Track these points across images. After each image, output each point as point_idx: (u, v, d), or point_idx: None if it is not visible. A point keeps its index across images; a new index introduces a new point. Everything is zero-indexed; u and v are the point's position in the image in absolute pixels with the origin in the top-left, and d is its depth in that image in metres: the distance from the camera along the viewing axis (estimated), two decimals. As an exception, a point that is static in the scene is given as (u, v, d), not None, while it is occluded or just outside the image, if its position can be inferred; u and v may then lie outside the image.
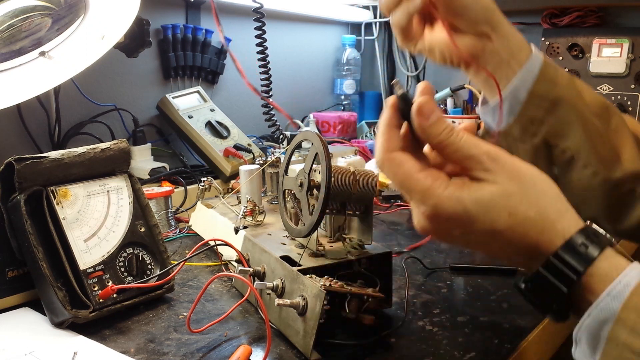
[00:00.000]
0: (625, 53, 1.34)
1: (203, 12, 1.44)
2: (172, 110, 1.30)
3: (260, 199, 0.93)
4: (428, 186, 0.43)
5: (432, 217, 0.43)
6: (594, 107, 0.61)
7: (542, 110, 0.59)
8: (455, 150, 0.43)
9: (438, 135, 0.43)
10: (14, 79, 0.81)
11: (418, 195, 0.43)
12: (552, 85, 0.59)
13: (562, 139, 0.60)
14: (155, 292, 0.72)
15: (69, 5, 0.89)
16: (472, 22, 0.58)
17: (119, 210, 0.73)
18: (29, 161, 0.65)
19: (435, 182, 0.43)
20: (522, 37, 0.61)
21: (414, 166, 0.44)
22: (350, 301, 0.60)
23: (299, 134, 0.73)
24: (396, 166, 0.44)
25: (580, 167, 0.60)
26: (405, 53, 1.93)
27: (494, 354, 0.61)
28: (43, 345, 0.61)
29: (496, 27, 0.58)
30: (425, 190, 0.43)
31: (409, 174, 0.43)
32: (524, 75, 0.59)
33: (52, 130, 1.15)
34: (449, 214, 0.42)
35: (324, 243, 0.69)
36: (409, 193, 0.44)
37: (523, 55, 0.59)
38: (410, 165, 0.44)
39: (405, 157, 0.44)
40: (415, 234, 1.03)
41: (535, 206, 0.42)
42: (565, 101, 0.59)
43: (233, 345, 0.61)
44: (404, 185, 0.44)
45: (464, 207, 0.42)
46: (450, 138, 0.43)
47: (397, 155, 0.44)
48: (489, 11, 0.58)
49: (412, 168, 0.43)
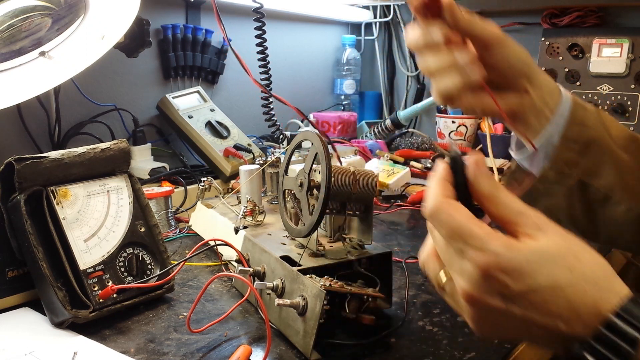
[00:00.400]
0: (625, 53, 1.34)
1: (203, 12, 1.44)
2: (172, 110, 1.30)
3: (260, 199, 0.93)
4: (486, 233, 0.40)
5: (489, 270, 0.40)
6: (622, 141, 0.62)
7: (575, 153, 0.60)
8: (507, 204, 0.42)
9: (490, 187, 0.43)
10: (14, 79, 0.81)
11: (477, 242, 0.40)
12: (582, 128, 0.60)
13: (595, 178, 0.61)
14: (155, 292, 0.72)
15: (69, 5, 0.89)
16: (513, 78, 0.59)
17: (119, 210, 0.73)
18: (29, 161, 0.65)
19: (492, 232, 0.40)
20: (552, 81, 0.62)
21: (471, 215, 0.42)
22: (350, 301, 0.60)
23: (299, 134, 0.73)
24: (453, 210, 0.42)
25: (614, 203, 0.61)
26: (405, 53, 1.94)
27: (494, 354, 0.61)
28: (43, 345, 0.61)
29: (533, 79, 0.59)
30: (483, 237, 0.40)
31: (466, 220, 0.41)
32: (556, 121, 0.60)
33: (52, 130, 1.15)
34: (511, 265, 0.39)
35: (324, 243, 0.70)
36: (465, 239, 0.41)
37: (554, 99, 0.61)
38: (466, 212, 0.42)
39: (460, 205, 0.43)
40: (415, 234, 1.03)
41: (589, 265, 0.41)
42: (595, 141, 0.60)
43: (233, 345, 0.61)
44: (460, 231, 0.41)
45: (525, 257, 0.39)
46: (502, 192, 0.43)
47: (453, 202, 0.43)
48: (526, 65, 0.59)
49: (469, 215, 0.42)
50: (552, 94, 0.61)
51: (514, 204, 0.42)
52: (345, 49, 1.90)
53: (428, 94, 1.88)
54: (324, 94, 1.94)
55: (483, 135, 1.57)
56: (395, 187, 1.27)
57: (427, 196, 0.44)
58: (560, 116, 0.60)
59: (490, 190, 0.43)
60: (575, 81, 1.41)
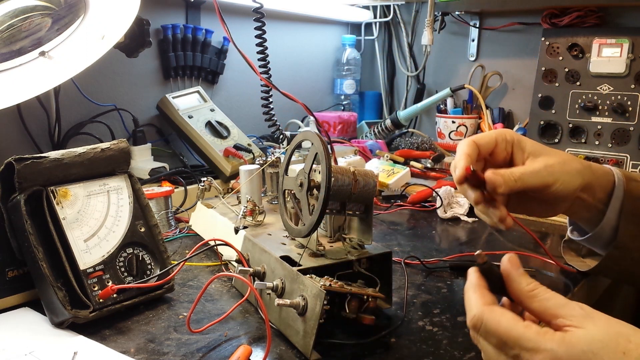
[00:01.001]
0: (625, 53, 1.34)
1: (203, 12, 1.44)
2: (172, 110, 1.30)
3: (260, 199, 0.93)
4: (537, 332, 0.41)
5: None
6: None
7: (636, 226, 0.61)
8: (548, 298, 0.43)
9: (528, 284, 0.44)
10: (14, 79, 0.81)
11: (530, 344, 0.41)
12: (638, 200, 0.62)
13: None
14: (155, 292, 0.72)
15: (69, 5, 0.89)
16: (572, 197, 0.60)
17: (119, 210, 0.73)
18: (29, 161, 0.65)
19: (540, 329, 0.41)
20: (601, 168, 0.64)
21: (516, 316, 0.43)
22: (350, 301, 0.60)
23: (299, 134, 0.73)
24: (499, 316, 0.43)
25: None
26: (405, 53, 1.94)
27: (494, 354, 0.61)
28: (43, 345, 0.61)
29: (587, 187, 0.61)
30: (535, 337, 0.41)
31: (514, 323, 0.42)
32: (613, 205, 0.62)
33: (52, 130, 1.15)
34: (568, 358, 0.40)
35: (324, 243, 0.69)
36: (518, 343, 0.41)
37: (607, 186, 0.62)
38: (512, 315, 0.43)
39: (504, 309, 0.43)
40: (415, 234, 1.03)
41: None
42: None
43: (233, 345, 0.61)
44: (511, 336, 0.42)
45: (580, 348, 0.40)
46: (541, 288, 0.44)
47: (496, 307, 0.44)
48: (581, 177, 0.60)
49: (515, 317, 0.42)
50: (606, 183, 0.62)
51: (556, 298, 0.43)
52: (345, 49, 1.90)
53: (428, 94, 1.88)
54: (324, 94, 1.94)
55: (483, 135, 1.57)
56: (395, 187, 1.27)
57: (468, 307, 0.45)
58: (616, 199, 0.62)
59: (529, 287, 0.44)
60: (575, 81, 1.41)
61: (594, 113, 1.38)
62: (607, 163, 1.34)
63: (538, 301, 0.43)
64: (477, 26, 1.75)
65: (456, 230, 1.07)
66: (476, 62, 1.76)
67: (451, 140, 1.68)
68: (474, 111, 1.71)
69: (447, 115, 1.70)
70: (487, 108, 1.62)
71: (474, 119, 1.67)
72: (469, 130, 1.67)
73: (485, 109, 1.58)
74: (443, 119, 1.70)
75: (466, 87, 1.61)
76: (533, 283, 0.44)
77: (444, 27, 1.73)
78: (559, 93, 1.44)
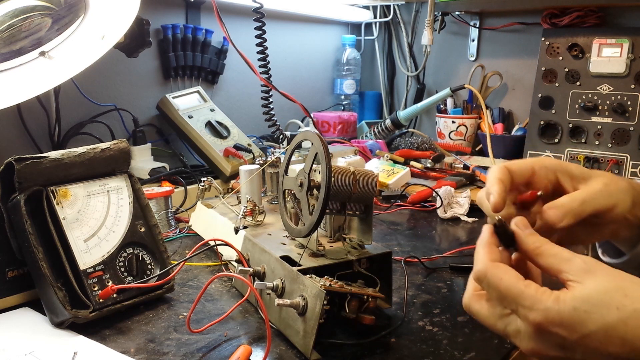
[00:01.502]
0: (625, 53, 1.34)
1: (203, 12, 1.44)
2: (172, 110, 1.30)
3: (260, 199, 0.93)
4: (535, 291, 0.43)
5: (542, 326, 0.42)
6: None
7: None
8: (554, 254, 0.44)
9: (535, 242, 0.45)
10: (14, 79, 0.81)
11: (527, 302, 0.42)
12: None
13: None
14: (155, 292, 0.72)
15: (69, 5, 0.89)
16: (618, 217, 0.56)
17: (119, 210, 0.73)
18: (29, 161, 0.65)
19: (539, 288, 0.43)
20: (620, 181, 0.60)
21: (518, 275, 0.44)
22: (350, 301, 0.60)
23: (299, 134, 0.73)
24: (502, 273, 0.44)
25: None
26: (405, 53, 1.94)
27: (494, 354, 0.61)
28: (43, 345, 0.61)
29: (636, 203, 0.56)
30: (533, 296, 0.42)
31: (515, 281, 0.44)
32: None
33: (52, 130, 1.15)
34: (561, 317, 0.41)
35: (324, 243, 0.69)
36: (516, 300, 0.43)
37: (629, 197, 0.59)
38: (514, 274, 0.44)
39: (508, 267, 0.45)
40: (415, 234, 1.03)
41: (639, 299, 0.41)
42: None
43: (233, 345, 0.61)
44: (510, 293, 0.43)
45: (573, 306, 0.41)
46: (546, 244, 0.45)
47: (501, 265, 0.45)
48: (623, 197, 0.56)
49: (517, 276, 0.44)
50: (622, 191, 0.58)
51: (561, 253, 0.44)
52: (345, 49, 1.90)
53: (428, 94, 1.88)
54: (324, 94, 1.94)
55: (483, 135, 1.57)
56: (395, 187, 1.27)
57: (475, 260, 0.46)
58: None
59: (536, 245, 0.45)
60: (575, 81, 1.41)
61: (594, 113, 1.38)
62: (607, 163, 1.35)
63: (544, 257, 0.45)
64: (477, 26, 1.75)
65: (456, 230, 1.07)
66: (476, 62, 1.76)
67: (451, 140, 1.68)
68: (474, 111, 1.71)
69: (447, 115, 1.70)
70: (487, 108, 1.62)
71: (474, 119, 1.68)
72: (469, 130, 1.67)
73: (485, 109, 1.58)
74: (443, 119, 1.70)
75: (466, 87, 1.61)
76: (539, 240, 0.45)
77: (444, 27, 1.73)
78: (559, 93, 1.44)
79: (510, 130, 1.63)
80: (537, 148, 1.46)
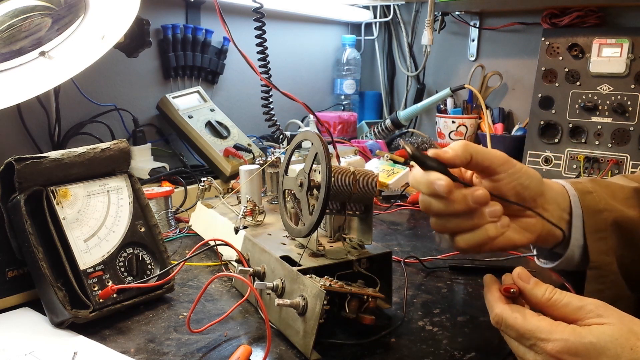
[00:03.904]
0: (625, 53, 1.34)
1: (203, 12, 1.44)
2: (172, 110, 1.30)
3: (260, 199, 0.93)
4: (550, 324, 0.47)
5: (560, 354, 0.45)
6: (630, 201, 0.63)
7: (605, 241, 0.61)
8: (566, 304, 0.48)
9: (544, 294, 0.49)
10: (14, 79, 0.81)
11: (543, 334, 0.46)
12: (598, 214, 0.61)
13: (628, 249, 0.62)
14: (155, 292, 0.72)
15: (69, 5, 0.89)
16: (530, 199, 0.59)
17: (119, 210, 0.73)
18: (29, 161, 0.65)
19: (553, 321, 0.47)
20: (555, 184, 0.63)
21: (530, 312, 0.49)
22: (350, 301, 0.60)
23: (299, 134, 0.73)
24: (516, 312, 0.49)
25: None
26: (405, 53, 1.94)
27: (494, 354, 0.61)
28: (43, 345, 0.61)
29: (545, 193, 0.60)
30: (548, 328, 0.46)
31: (531, 317, 0.48)
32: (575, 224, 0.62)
33: (52, 130, 1.15)
34: (577, 348, 0.44)
35: (324, 243, 0.69)
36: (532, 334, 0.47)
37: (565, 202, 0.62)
38: (526, 312, 0.49)
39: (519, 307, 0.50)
40: (415, 234, 1.03)
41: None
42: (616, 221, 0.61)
43: (233, 345, 0.61)
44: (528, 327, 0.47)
45: (590, 341, 0.45)
46: (556, 294, 0.49)
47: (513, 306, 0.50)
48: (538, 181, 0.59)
49: (530, 313, 0.49)
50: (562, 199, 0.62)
51: (572, 302, 0.48)
52: (345, 49, 1.90)
53: (428, 94, 1.88)
54: (324, 94, 1.94)
55: (483, 135, 1.57)
56: (395, 187, 1.27)
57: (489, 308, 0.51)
58: (577, 217, 0.61)
59: (546, 297, 0.49)
60: (575, 81, 1.41)
61: (594, 113, 1.38)
62: (607, 163, 1.35)
63: (558, 309, 0.48)
64: (477, 26, 1.75)
65: (456, 230, 1.07)
66: (476, 62, 1.76)
67: (451, 141, 1.68)
68: (474, 111, 1.71)
69: (447, 115, 1.70)
70: (487, 108, 1.62)
71: (474, 119, 1.68)
72: (469, 130, 1.67)
73: (485, 109, 1.58)
74: (443, 119, 1.70)
75: (466, 87, 1.61)
76: (548, 290, 0.49)
77: (444, 27, 1.73)
78: (559, 93, 1.44)
79: (510, 130, 1.63)
80: (537, 148, 1.46)
